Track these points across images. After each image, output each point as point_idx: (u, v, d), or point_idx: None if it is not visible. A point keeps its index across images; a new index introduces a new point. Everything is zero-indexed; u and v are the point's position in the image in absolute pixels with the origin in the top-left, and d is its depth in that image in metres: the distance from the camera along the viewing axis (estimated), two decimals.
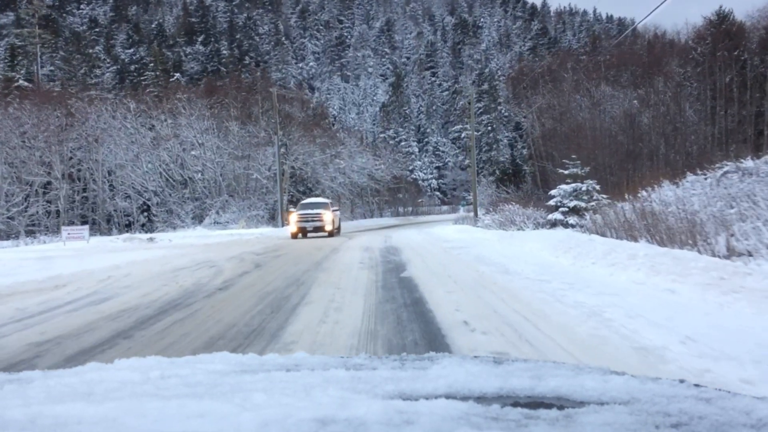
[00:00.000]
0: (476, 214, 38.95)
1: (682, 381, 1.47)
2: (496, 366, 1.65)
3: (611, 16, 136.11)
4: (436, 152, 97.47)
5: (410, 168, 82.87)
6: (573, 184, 24.91)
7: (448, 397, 1.31)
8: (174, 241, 30.88)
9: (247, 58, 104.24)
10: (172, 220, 44.22)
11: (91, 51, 70.57)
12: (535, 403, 1.31)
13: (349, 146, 57.40)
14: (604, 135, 40.05)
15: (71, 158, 45.65)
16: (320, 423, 1.13)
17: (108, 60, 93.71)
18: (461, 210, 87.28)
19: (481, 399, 1.32)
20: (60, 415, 1.21)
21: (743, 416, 1.17)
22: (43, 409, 1.26)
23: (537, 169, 49.02)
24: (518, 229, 24.44)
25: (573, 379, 1.46)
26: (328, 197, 55.70)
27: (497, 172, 51.27)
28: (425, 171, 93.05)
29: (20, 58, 58.32)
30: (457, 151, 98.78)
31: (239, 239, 27.31)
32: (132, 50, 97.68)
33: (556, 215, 24.54)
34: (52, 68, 62.62)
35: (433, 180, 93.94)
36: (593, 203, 24.39)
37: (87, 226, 30.51)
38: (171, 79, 53.60)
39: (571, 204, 24.45)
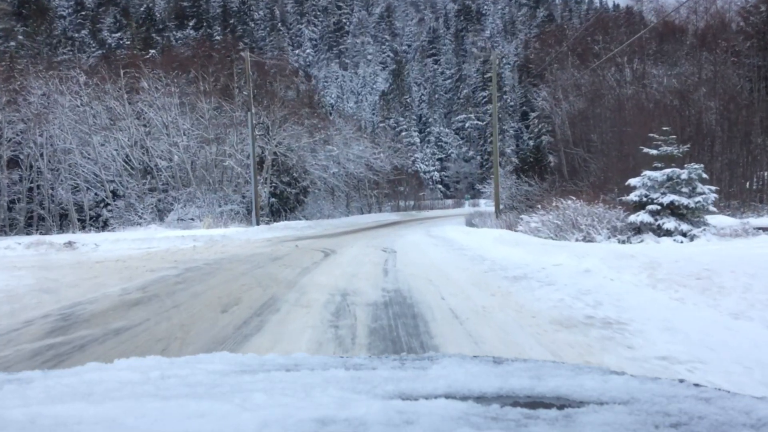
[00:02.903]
0: (498, 210, 29.87)
1: (681, 381, 1.40)
2: (495, 366, 1.57)
3: (617, 4, 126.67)
4: (439, 143, 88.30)
5: (411, 159, 73.68)
6: (666, 170, 15.89)
7: (447, 397, 1.26)
8: (102, 246, 21.85)
9: (241, 44, 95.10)
10: (129, 216, 35.09)
11: (59, 31, 61.08)
12: (535, 403, 1.25)
13: (345, 132, 48.22)
14: (660, 114, 30.94)
15: (10, 140, 36.48)
16: (320, 423, 1.09)
17: (94, 44, 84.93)
18: (466, 205, 78.24)
19: (481, 399, 1.27)
20: (60, 415, 1.16)
21: (743, 416, 1.12)
22: (43, 409, 1.21)
23: (564, 157, 39.90)
24: (585, 239, 15.46)
25: (572, 379, 1.40)
26: (318, 189, 47.07)
27: (516, 160, 42.55)
28: (427, 163, 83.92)
29: None
30: (461, 141, 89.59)
31: (183, 247, 18.34)
32: (119, 34, 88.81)
33: (643, 216, 15.56)
34: (12, 43, 53.64)
35: (436, 172, 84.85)
36: (699, 199, 15.42)
37: None
38: (146, 56, 44.84)
39: (665, 199, 15.48)
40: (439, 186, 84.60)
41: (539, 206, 29.45)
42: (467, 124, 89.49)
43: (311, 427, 1.07)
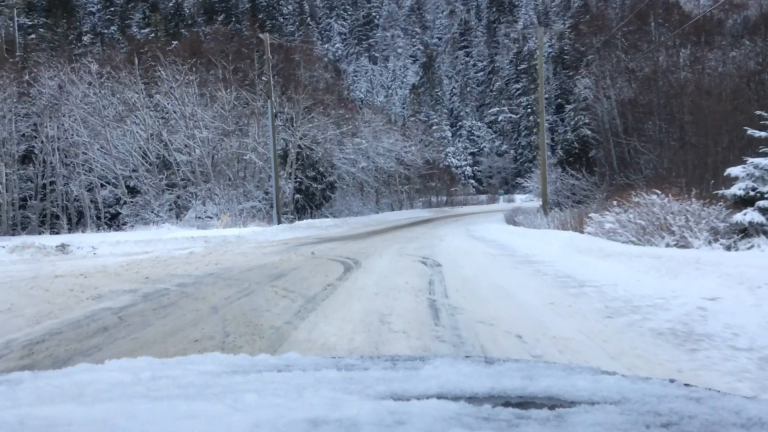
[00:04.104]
0: (545, 207, 26.31)
1: (672, 381, 1.39)
2: (487, 366, 1.55)
3: None
4: (471, 137, 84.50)
5: (443, 153, 70.09)
6: None
7: (439, 397, 1.23)
8: (100, 249, 19.01)
9: (261, 33, 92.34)
10: (145, 214, 32.25)
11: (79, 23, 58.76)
12: (527, 403, 1.24)
13: (374, 124, 44.83)
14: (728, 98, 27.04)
15: (24, 134, 33.95)
16: (312, 424, 1.06)
17: (123, 41, 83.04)
18: (501, 200, 74.25)
19: (473, 399, 1.25)
20: (50, 417, 1.14)
21: (733, 416, 1.11)
22: (33, 410, 1.18)
23: (612, 148, 35.97)
24: (677, 243, 11.97)
25: (564, 379, 1.39)
26: (347, 184, 43.69)
27: (560, 152, 38.84)
28: (459, 157, 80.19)
29: None
30: (494, 135, 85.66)
31: (179, 253, 15.32)
32: (147, 30, 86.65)
33: (751, 215, 12.00)
34: (33, 36, 51.38)
35: (468, 167, 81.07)
36: None
37: None
38: (163, 45, 42.06)
39: None
40: (472, 181, 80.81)
41: (588, 202, 25.72)
42: (500, 117, 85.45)
43: (303, 428, 1.04)
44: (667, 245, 11.93)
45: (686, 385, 1.35)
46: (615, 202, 14.01)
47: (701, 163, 27.23)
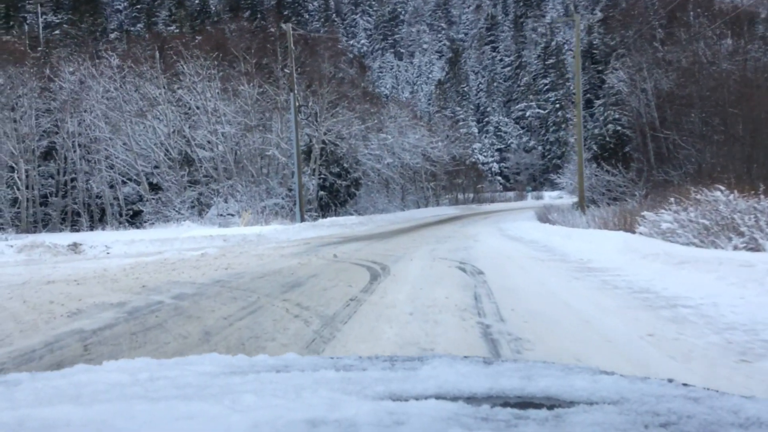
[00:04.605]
0: (583, 205, 24.74)
1: (670, 380, 1.38)
2: (486, 366, 1.53)
3: None
4: (498, 133, 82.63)
5: (470, 149, 68.41)
6: None
7: (438, 397, 1.21)
8: (114, 248, 18.01)
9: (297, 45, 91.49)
10: (167, 212, 31.26)
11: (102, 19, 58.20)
12: (525, 403, 1.22)
13: (400, 119, 43.38)
14: None
15: (45, 130, 33.19)
16: (310, 424, 1.05)
17: (149, 38, 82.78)
18: (529, 197, 72.28)
19: (471, 399, 1.23)
20: (48, 418, 1.13)
21: (731, 415, 1.10)
22: (31, 411, 1.17)
23: (649, 142, 34.11)
24: (745, 246, 10.43)
25: (563, 379, 1.37)
26: (372, 181, 42.25)
27: (594, 147, 37.05)
28: (485, 153, 78.41)
29: (12, 14, 46.41)
30: (521, 131, 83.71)
31: (189, 255, 14.17)
32: (173, 27, 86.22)
33: None
34: (57, 32, 50.83)
35: (495, 164, 79.25)
36: None
37: None
38: (192, 43, 41.04)
39: None
40: (498, 178, 78.97)
41: (625, 199, 24.21)
42: (528, 113, 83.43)
43: (301, 429, 1.03)
44: (735, 248, 10.40)
45: (684, 385, 1.33)
46: (672, 199, 12.45)
47: (750, 157, 25.40)
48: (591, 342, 3.97)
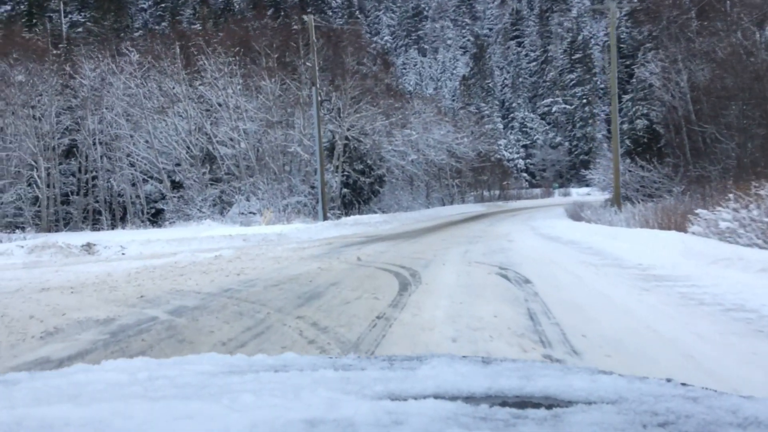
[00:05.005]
0: (618, 201, 23.42)
1: (669, 380, 1.36)
2: (484, 366, 1.52)
3: None
4: (523, 129, 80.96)
5: (496, 145, 66.94)
6: None
7: (436, 397, 1.21)
8: (130, 249, 17.24)
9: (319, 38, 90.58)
10: (188, 210, 30.50)
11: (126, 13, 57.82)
12: (524, 402, 1.21)
13: (424, 115, 42.17)
14: None
15: (67, 128, 32.65)
16: (309, 424, 1.04)
17: (170, 33, 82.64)
18: (556, 194, 70.55)
19: (470, 399, 1.22)
20: (46, 417, 1.11)
21: (730, 415, 1.10)
22: (29, 411, 1.16)
23: (685, 136, 32.52)
24: None
25: (561, 379, 1.36)
26: (396, 178, 41.09)
27: (627, 142, 35.53)
28: (511, 150, 76.81)
29: (36, 12, 46.10)
30: (547, 127, 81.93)
31: (203, 257, 13.25)
32: (198, 25, 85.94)
33: None
34: (79, 30, 50.53)
35: (520, 160, 77.60)
36: None
37: None
38: (214, 40, 40.29)
39: None
40: (524, 174, 77.31)
41: (660, 196, 22.75)
42: (554, 109, 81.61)
43: (300, 428, 1.02)
44: None
45: (683, 384, 1.32)
46: (731, 196, 11.18)
47: None
48: None
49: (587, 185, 76.11)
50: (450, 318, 4.86)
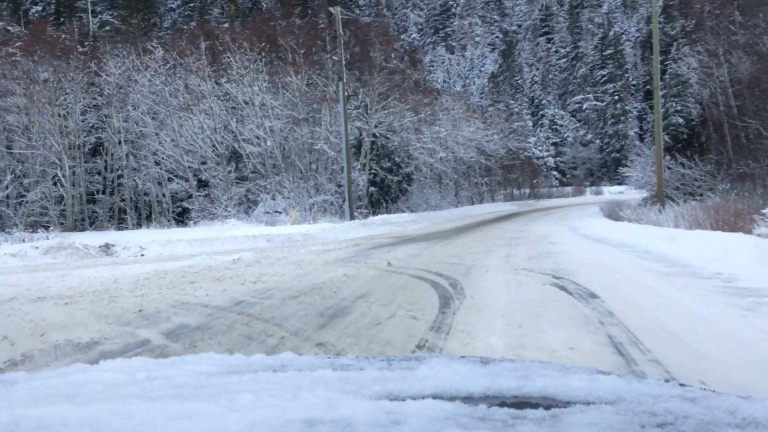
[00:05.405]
0: (662, 200, 22.02)
1: (667, 381, 1.34)
2: (483, 366, 1.50)
3: None
4: (553, 126, 79.12)
5: (527, 142, 65.32)
6: None
7: (435, 397, 1.21)
8: (149, 249, 16.46)
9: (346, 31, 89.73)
10: (213, 209, 29.76)
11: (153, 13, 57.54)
12: (522, 403, 1.20)
13: (453, 112, 40.95)
14: None
15: (93, 126, 32.16)
16: (308, 424, 1.04)
17: (196, 29, 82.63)
18: (587, 192, 68.64)
19: (468, 399, 1.22)
20: (44, 417, 1.11)
21: (728, 415, 1.09)
22: (27, 411, 1.15)
23: (728, 132, 30.83)
24: None
25: (560, 379, 1.36)
26: (424, 176, 39.89)
27: (666, 138, 33.89)
28: (540, 148, 75.08)
29: (64, 11, 45.91)
30: (578, 124, 80.00)
31: (221, 260, 12.33)
32: (226, 24, 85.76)
33: None
34: (107, 28, 50.26)
35: (550, 158, 75.82)
36: None
37: None
38: (240, 38, 39.51)
39: None
40: (554, 172, 75.50)
41: (702, 194, 21.40)
42: (585, 106, 79.62)
43: (299, 428, 1.01)
44: None
45: (681, 385, 1.30)
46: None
47: None
48: None
49: (619, 183, 74.09)
50: (512, 350, 3.76)
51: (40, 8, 58.29)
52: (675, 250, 9.20)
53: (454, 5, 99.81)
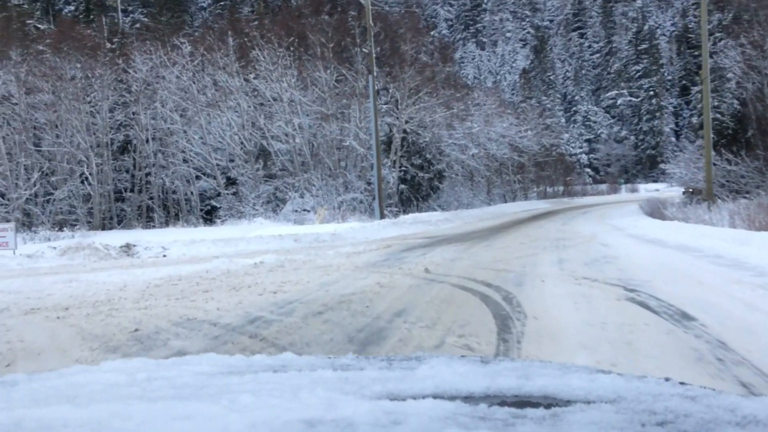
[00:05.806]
0: (711, 198, 20.58)
1: (667, 379, 1.34)
2: (483, 366, 1.49)
3: None
4: (586, 123, 77.09)
5: (561, 139, 63.56)
6: None
7: (435, 397, 1.19)
8: (172, 250, 15.63)
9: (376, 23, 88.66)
10: (241, 208, 29.01)
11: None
12: (522, 402, 1.19)
13: (486, 107, 39.63)
14: None
15: (120, 123, 31.68)
16: (308, 424, 1.03)
17: (227, 28, 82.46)
18: (623, 190, 66.62)
19: (469, 399, 1.20)
20: (44, 418, 1.10)
21: (728, 414, 1.08)
22: (28, 412, 1.14)
23: None
24: None
25: (560, 378, 1.34)
26: (455, 173, 38.67)
27: (712, 134, 32.14)
28: (573, 144, 73.16)
29: (94, 9, 45.75)
30: (612, 121, 77.84)
31: (243, 263, 11.39)
32: (256, 23, 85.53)
33: None
34: (137, 26, 49.99)
35: (583, 155, 73.84)
36: None
37: (11, 225, 15.70)
38: (268, 34, 38.81)
39: None
40: (587, 170, 73.50)
41: (750, 191, 20.05)
42: (619, 101, 77.41)
43: (299, 428, 1.01)
44: None
45: (681, 383, 1.30)
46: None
47: None
48: None
49: (654, 180, 71.82)
50: None
51: (72, 8, 58.41)
52: (753, 255, 7.96)
53: (485, 1, 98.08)
